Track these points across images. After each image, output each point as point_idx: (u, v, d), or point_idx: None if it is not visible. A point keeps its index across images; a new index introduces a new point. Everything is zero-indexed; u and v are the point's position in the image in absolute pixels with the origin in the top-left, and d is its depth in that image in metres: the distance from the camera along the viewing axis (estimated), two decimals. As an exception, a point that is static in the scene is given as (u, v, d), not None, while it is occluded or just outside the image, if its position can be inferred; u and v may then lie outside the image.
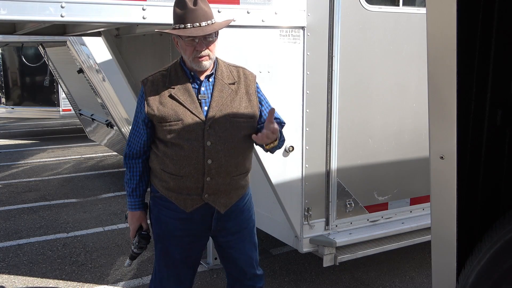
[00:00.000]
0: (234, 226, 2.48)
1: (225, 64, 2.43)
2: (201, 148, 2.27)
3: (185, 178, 2.31)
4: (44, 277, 4.10)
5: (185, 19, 2.20)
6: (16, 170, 7.96)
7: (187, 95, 2.31)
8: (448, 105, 1.68)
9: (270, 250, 4.58)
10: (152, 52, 4.58)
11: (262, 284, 2.64)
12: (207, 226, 2.44)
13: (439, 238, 1.90)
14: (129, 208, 2.49)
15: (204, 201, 2.35)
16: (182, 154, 2.28)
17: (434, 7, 1.63)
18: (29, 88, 10.58)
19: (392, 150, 3.77)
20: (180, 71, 2.35)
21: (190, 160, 2.28)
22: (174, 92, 2.30)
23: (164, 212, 2.42)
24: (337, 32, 3.34)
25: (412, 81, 3.73)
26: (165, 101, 2.30)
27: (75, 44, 6.15)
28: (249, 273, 2.57)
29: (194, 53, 2.26)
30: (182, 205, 2.36)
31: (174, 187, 2.35)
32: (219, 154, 2.29)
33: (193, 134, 2.27)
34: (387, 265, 4.27)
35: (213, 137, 2.28)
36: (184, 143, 2.27)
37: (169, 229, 2.42)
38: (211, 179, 2.31)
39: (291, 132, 3.31)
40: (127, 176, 2.46)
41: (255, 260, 2.60)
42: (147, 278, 4.03)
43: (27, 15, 2.48)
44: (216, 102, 2.31)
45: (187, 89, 2.32)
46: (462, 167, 1.75)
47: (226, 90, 2.34)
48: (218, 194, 2.36)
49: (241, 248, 2.53)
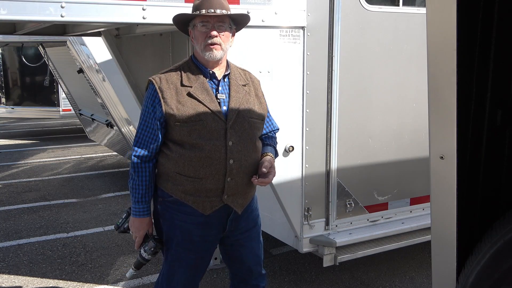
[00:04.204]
0: (245, 225, 2.48)
1: (235, 66, 2.45)
2: (223, 148, 2.24)
3: (204, 179, 2.26)
4: (44, 277, 4.10)
5: (201, 6, 2.22)
6: (16, 170, 7.96)
7: (205, 93, 2.27)
8: (448, 105, 1.68)
9: (270, 250, 4.58)
10: (152, 52, 4.58)
11: (265, 283, 2.65)
12: (222, 228, 2.41)
13: (439, 238, 1.90)
14: (137, 215, 2.36)
15: (224, 203, 2.32)
16: (203, 155, 2.23)
17: (434, 7, 1.63)
18: (29, 88, 10.58)
19: (392, 150, 3.77)
20: (195, 68, 2.31)
21: (211, 161, 2.24)
22: (192, 91, 2.25)
23: (179, 216, 2.34)
24: (337, 32, 3.34)
25: (412, 81, 3.73)
26: (184, 100, 2.23)
27: (75, 44, 6.15)
28: (256, 272, 2.57)
29: (206, 40, 2.24)
30: (200, 208, 2.31)
31: (191, 189, 2.28)
32: (240, 154, 2.28)
33: (214, 134, 2.23)
34: (387, 265, 4.27)
35: (234, 137, 2.27)
36: (205, 143, 2.22)
37: (184, 234, 2.35)
38: (232, 180, 2.29)
39: (291, 132, 3.32)
40: (135, 181, 2.31)
41: (261, 259, 2.61)
42: (147, 278, 4.03)
43: (27, 15, 2.47)
44: (234, 102, 2.30)
45: (205, 87, 2.28)
46: (462, 167, 1.75)
47: (241, 91, 2.36)
48: (236, 195, 2.34)
49: (250, 246, 2.52)
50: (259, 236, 2.58)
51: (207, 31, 2.24)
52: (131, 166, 2.33)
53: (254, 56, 3.13)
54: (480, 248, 1.74)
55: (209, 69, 2.31)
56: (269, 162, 2.36)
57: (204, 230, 2.36)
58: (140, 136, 2.31)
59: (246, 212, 2.45)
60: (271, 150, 2.47)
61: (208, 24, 2.24)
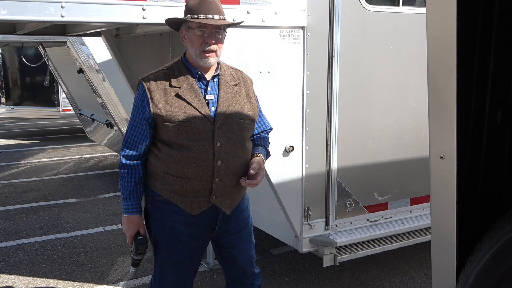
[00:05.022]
0: (235, 226, 2.48)
1: (225, 66, 2.43)
2: (210, 149, 2.24)
3: (192, 180, 2.27)
4: (44, 277, 4.10)
5: (199, 10, 2.20)
6: (16, 170, 7.96)
7: (194, 94, 2.27)
8: (448, 105, 1.68)
9: (270, 250, 4.58)
10: (152, 52, 4.58)
11: (260, 282, 2.65)
12: (211, 229, 2.42)
13: (439, 238, 1.90)
14: (126, 212, 2.38)
15: (212, 203, 2.33)
16: (190, 156, 2.23)
17: (434, 7, 1.63)
18: (29, 88, 10.58)
19: (392, 150, 3.77)
20: (185, 69, 2.31)
21: (198, 162, 2.24)
22: (180, 92, 2.25)
23: (168, 216, 2.35)
24: (337, 32, 3.34)
25: (412, 81, 3.73)
26: (172, 101, 2.24)
27: (75, 44, 6.15)
28: (249, 271, 2.58)
29: (202, 46, 2.23)
30: (188, 208, 2.31)
31: (179, 190, 2.29)
32: (228, 155, 2.28)
33: (202, 135, 2.24)
34: (387, 265, 4.27)
35: (222, 138, 2.27)
36: (192, 144, 2.23)
37: (173, 234, 2.36)
38: (220, 181, 2.29)
39: (291, 132, 3.32)
40: (124, 178, 2.34)
41: (254, 259, 2.61)
42: (147, 278, 4.03)
43: (27, 15, 2.47)
44: (223, 103, 2.30)
45: (194, 88, 2.28)
46: (462, 167, 1.75)
47: (231, 91, 2.35)
48: (225, 196, 2.34)
49: (241, 247, 2.53)
50: (251, 236, 2.58)
51: (204, 37, 2.23)
52: (120, 166, 2.36)
53: (254, 56, 3.13)
54: (480, 248, 1.74)
55: (197, 70, 2.31)
56: (257, 164, 2.35)
57: (192, 229, 2.36)
58: (129, 136, 2.34)
59: (236, 213, 2.45)
60: (262, 150, 2.46)
61: (206, 30, 2.23)
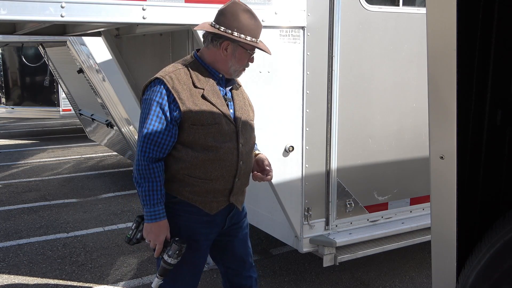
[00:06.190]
0: (237, 218, 2.53)
1: None
2: (235, 150, 2.31)
3: (214, 181, 2.29)
4: (44, 277, 4.10)
5: (257, 34, 2.32)
6: (16, 170, 7.96)
7: (217, 96, 2.30)
8: (448, 105, 1.68)
9: (270, 250, 4.58)
10: (152, 52, 4.58)
11: (256, 275, 2.69)
12: (222, 226, 2.45)
13: (439, 238, 1.90)
14: (156, 219, 2.22)
15: (229, 202, 2.38)
16: (217, 157, 2.25)
17: (434, 7, 1.63)
18: (29, 88, 10.58)
19: (392, 150, 3.77)
20: (204, 70, 2.31)
21: (223, 163, 2.27)
22: (205, 93, 2.26)
23: (184, 217, 2.33)
24: (337, 32, 3.34)
25: (412, 81, 3.73)
26: (200, 103, 2.23)
27: (75, 44, 6.15)
28: (248, 262, 2.61)
29: (245, 65, 2.37)
30: (207, 208, 2.33)
31: (200, 191, 2.29)
32: (247, 155, 2.38)
33: (227, 137, 2.28)
34: (387, 265, 4.27)
35: (242, 139, 2.35)
36: (220, 146, 2.25)
37: (189, 235, 2.34)
38: (239, 180, 2.36)
39: (291, 132, 3.32)
40: (150, 184, 2.19)
41: (251, 250, 2.67)
42: (147, 278, 4.03)
43: (27, 15, 2.47)
44: (238, 105, 2.39)
45: (216, 90, 2.31)
46: (462, 167, 1.75)
47: (239, 94, 2.45)
48: (239, 194, 2.43)
49: (240, 237, 2.57)
50: (247, 227, 2.65)
51: (251, 58, 2.37)
52: (142, 170, 2.19)
53: (254, 56, 3.12)
54: (480, 248, 1.75)
55: (219, 73, 2.34)
56: (267, 160, 2.49)
57: (208, 229, 2.39)
58: (152, 138, 2.18)
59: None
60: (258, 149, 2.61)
61: (252, 51, 2.36)
